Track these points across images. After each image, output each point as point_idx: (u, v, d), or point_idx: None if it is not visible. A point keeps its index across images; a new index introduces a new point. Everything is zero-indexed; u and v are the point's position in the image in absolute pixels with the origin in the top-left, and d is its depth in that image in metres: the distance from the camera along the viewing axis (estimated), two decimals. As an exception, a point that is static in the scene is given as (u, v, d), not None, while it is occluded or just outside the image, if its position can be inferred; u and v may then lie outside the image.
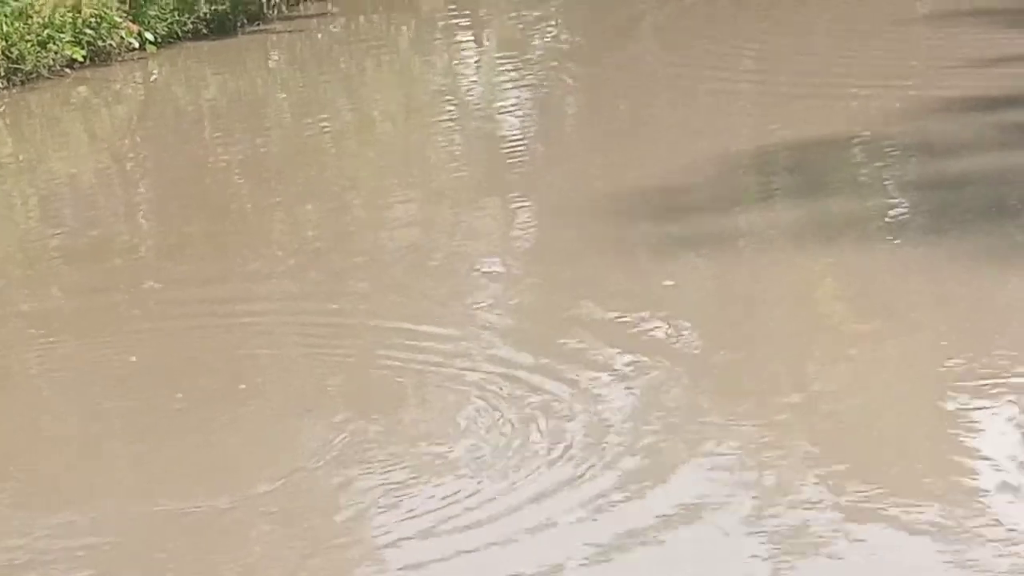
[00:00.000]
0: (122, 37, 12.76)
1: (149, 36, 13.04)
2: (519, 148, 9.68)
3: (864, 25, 12.19)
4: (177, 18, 13.58)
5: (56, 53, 12.10)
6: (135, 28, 12.92)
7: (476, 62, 12.86)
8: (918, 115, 9.43)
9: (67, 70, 12.28)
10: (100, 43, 12.58)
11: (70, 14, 12.26)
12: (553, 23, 14.71)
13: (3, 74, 11.67)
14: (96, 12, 12.50)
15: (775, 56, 11.75)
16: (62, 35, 12.14)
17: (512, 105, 10.96)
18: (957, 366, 5.89)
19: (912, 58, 11.29)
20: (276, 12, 14.56)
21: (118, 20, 12.71)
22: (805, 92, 10.20)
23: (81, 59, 12.33)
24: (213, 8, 13.95)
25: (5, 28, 11.70)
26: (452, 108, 10.96)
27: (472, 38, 14.09)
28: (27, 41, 11.85)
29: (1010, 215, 7.55)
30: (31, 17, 11.92)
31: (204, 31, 13.83)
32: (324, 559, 4.86)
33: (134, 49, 12.93)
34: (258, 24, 14.31)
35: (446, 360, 6.22)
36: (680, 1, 15.09)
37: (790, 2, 13.74)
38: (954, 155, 8.70)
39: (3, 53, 11.65)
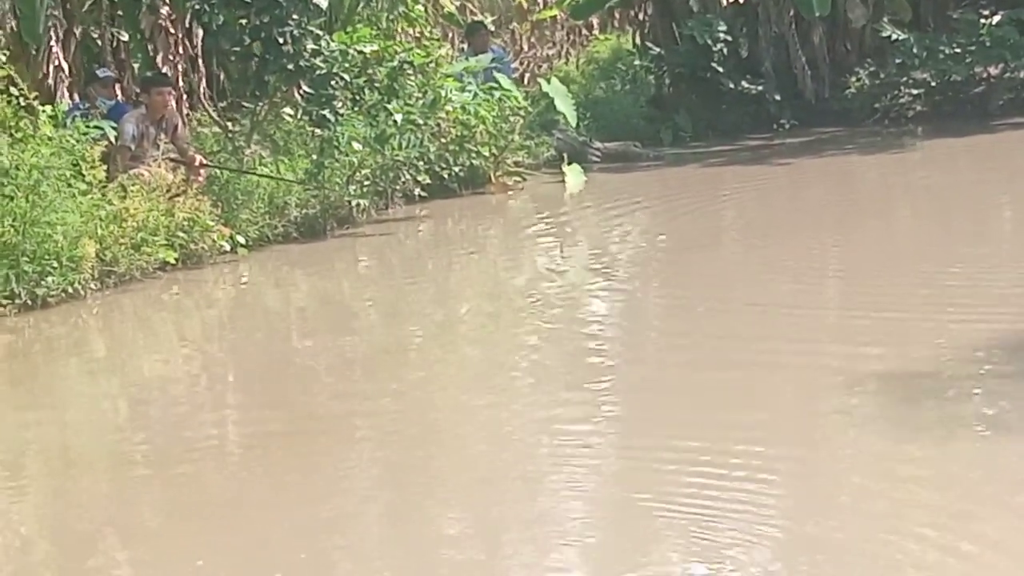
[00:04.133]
0: (214, 240, 13.01)
1: (241, 239, 13.31)
2: (603, 354, 9.68)
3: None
4: (268, 221, 13.88)
5: (150, 256, 12.34)
6: (227, 231, 13.19)
7: (561, 266, 12.95)
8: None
9: (160, 272, 12.52)
10: (192, 246, 12.84)
11: (164, 218, 12.53)
12: (638, 226, 14.83)
13: (97, 276, 11.90)
14: (189, 216, 12.78)
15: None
16: (156, 238, 12.40)
17: (597, 309, 11.01)
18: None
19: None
20: (365, 216, 14.83)
21: (211, 224, 12.98)
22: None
23: (174, 262, 12.57)
24: (303, 212, 14.24)
25: (100, 231, 11.96)
26: (537, 311, 11.00)
27: (558, 242, 14.21)
28: (121, 244, 12.10)
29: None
30: (125, 221, 12.19)
31: (294, 234, 14.10)
32: None
33: (226, 252, 13.18)
34: (347, 227, 14.57)
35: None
36: (763, 201, 15.21)
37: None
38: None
39: (98, 256, 11.89)
